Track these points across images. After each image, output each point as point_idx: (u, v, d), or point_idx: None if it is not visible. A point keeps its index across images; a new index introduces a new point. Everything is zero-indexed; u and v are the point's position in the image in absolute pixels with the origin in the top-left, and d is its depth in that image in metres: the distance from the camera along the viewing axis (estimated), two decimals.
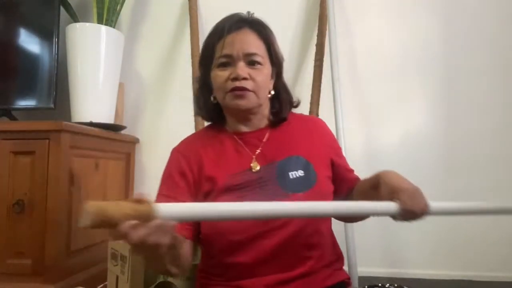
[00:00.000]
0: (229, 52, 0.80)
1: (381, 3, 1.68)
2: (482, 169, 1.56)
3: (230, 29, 0.82)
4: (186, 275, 0.91)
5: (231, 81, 0.79)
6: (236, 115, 0.86)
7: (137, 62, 1.83)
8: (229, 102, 0.81)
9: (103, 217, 0.48)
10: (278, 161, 0.82)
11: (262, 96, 0.83)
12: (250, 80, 0.80)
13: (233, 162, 0.83)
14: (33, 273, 1.19)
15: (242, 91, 0.79)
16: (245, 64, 0.80)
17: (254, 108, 0.84)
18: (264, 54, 0.83)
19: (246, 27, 0.84)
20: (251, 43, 0.82)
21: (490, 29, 1.61)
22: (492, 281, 1.49)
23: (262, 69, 0.82)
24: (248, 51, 0.81)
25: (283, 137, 0.86)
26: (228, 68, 0.81)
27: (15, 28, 1.58)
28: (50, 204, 1.20)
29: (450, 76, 1.62)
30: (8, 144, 1.23)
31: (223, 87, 0.81)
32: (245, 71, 0.79)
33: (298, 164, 0.82)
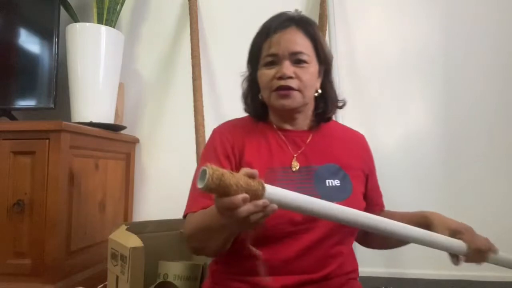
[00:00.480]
0: (275, 51, 0.80)
1: (381, 3, 1.68)
2: (482, 168, 1.56)
3: (276, 29, 0.82)
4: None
5: (276, 79, 0.80)
6: (281, 114, 0.86)
7: (137, 62, 1.83)
8: (274, 102, 0.82)
9: (220, 181, 0.49)
10: (317, 166, 0.83)
11: (308, 95, 0.83)
12: (295, 79, 0.80)
13: (275, 156, 0.83)
14: (33, 273, 1.19)
15: (287, 91, 0.80)
16: (290, 63, 0.80)
17: (300, 107, 0.84)
18: (310, 53, 0.83)
19: (293, 25, 0.83)
20: (297, 41, 0.81)
21: (490, 29, 1.61)
22: (492, 281, 1.49)
23: (308, 67, 0.81)
24: (294, 50, 0.80)
25: (324, 143, 0.87)
26: (274, 67, 0.81)
27: (15, 28, 1.57)
28: (50, 204, 1.20)
29: (450, 76, 1.62)
30: (8, 144, 1.23)
31: (269, 86, 0.81)
32: (291, 70, 0.79)
33: (335, 173, 0.82)
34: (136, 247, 0.97)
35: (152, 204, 1.75)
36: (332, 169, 0.83)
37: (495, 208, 1.54)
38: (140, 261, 0.97)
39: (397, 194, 1.59)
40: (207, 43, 1.76)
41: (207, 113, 1.62)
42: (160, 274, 1.10)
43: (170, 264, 1.11)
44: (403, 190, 1.59)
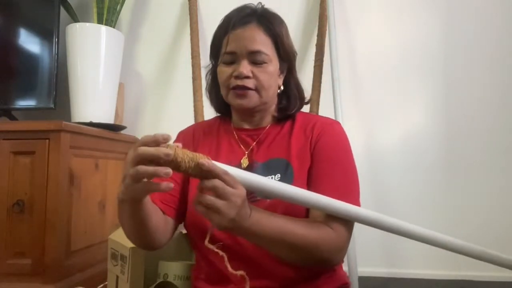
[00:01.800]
0: (233, 49, 0.79)
1: (381, 3, 1.68)
2: (482, 168, 1.56)
3: (235, 25, 0.79)
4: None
5: (233, 78, 0.78)
6: (239, 112, 0.86)
7: (137, 62, 1.83)
8: (231, 100, 0.81)
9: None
10: (260, 162, 0.81)
11: (266, 95, 0.81)
12: (252, 79, 0.78)
13: (223, 155, 0.83)
14: (33, 273, 1.19)
15: (243, 90, 0.78)
16: (248, 62, 0.78)
17: (257, 106, 0.82)
18: (270, 51, 0.80)
19: (254, 22, 0.80)
20: (256, 40, 0.78)
21: (490, 29, 1.61)
22: (492, 281, 1.49)
23: (266, 67, 0.79)
24: (252, 49, 0.78)
25: (277, 138, 0.84)
26: (232, 65, 0.80)
27: (15, 28, 1.57)
28: (50, 204, 1.20)
29: (450, 75, 1.62)
30: (8, 144, 1.23)
31: (226, 84, 0.80)
32: (248, 69, 0.77)
33: (278, 167, 0.79)
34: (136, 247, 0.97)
35: None
36: (276, 163, 0.79)
37: (495, 208, 1.54)
38: (140, 261, 0.97)
39: (397, 194, 1.60)
40: (207, 43, 1.75)
41: (207, 113, 1.62)
42: (160, 274, 1.10)
43: (170, 264, 1.11)
44: (402, 190, 1.59)
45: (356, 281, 1.35)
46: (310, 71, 1.58)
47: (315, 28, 1.65)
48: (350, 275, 1.33)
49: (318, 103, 1.52)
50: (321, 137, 0.81)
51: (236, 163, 0.81)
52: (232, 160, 0.81)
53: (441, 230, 1.53)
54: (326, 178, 0.77)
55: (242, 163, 0.81)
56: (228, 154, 0.84)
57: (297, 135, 0.83)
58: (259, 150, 0.83)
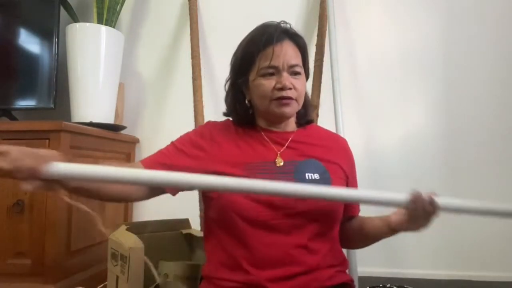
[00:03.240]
0: (276, 63, 0.85)
1: (381, 4, 1.68)
2: (482, 168, 1.56)
3: (274, 41, 0.86)
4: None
5: (277, 90, 0.85)
6: (274, 119, 0.91)
7: (137, 62, 1.83)
8: (274, 109, 0.87)
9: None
10: (298, 161, 0.87)
11: (301, 103, 0.90)
12: (293, 90, 0.86)
13: (257, 152, 0.88)
14: (33, 273, 1.19)
15: (288, 100, 0.85)
16: (288, 74, 0.86)
17: (294, 114, 0.92)
18: (301, 65, 0.89)
19: (287, 38, 0.88)
20: (293, 55, 0.87)
21: (490, 29, 1.61)
22: (492, 281, 1.49)
23: (301, 78, 0.88)
24: (292, 63, 0.86)
25: (306, 141, 0.92)
26: (272, 77, 0.86)
27: (15, 28, 1.58)
28: (50, 204, 1.20)
29: (450, 75, 1.62)
30: (8, 144, 1.23)
31: (269, 96, 0.86)
32: (290, 82, 0.85)
33: (315, 168, 0.86)
34: (136, 247, 0.97)
35: (152, 204, 1.75)
36: (313, 164, 0.87)
37: None
38: (140, 261, 0.97)
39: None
40: (207, 43, 1.76)
41: (207, 113, 1.62)
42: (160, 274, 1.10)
43: (170, 264, 1.11)
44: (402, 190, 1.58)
45: (356, 281, 1.35)
46: (310, 71, 1.57)
47: (315, 28, 1.65)
48: (350, 275, 1.33)
49: (318, 103, 1.52)
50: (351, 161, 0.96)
51: (271, 160, 0.87)
52: (266, 156, 0.87)
53: (441, 230, 1.54)
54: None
55: (276, 162, 0.86)
56: (261, 151, 0.89)
57: (326, 144, 0.93)
58: (293, 150, 0.89)
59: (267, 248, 0.78)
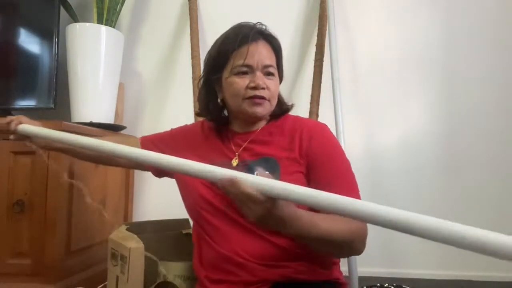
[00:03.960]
0: (250, 62, 0.85)
1: (381, 3, 1.68)
2: (482, 168, 1.56)
3: (248, 40, 0.86)
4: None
5: (250, 89, 0.85)
6: (246, 119, 0.91)
7: (137, 62, 1.83)
8: (246, 109, 0.87)
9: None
10: (250, 160, 0.87)
11: (273, 104, 0.90)
12: (266, 90, 0.86)
13: (217, 152, 0.91)
14: (33, 273, 1.19)
15: (261, 99, 0.86)
16: (262, 74, 0.86)
17: (266, 114, 0.91)
18: (275, 66, 0.90)
19: (262, 39, 0.88)
20: (268, 55, 0.88)
21: (490, 29, 1.61)
22: (492, 281, 1.49)
23: (274, 79, 0.89)
24: (266, 63, 0.86)
25: (266, 138, 0.90)
26: (246, 76, 0.86)
27: (15, 28, 1.57)
28: (50, 204, 1.20)
29: (449, 75, 1.62)
30: (8, 144, 1.23)
31: (241, 94, 0.86)
32: (264, 81, 0.85)
33: (267, 165, 0.85)
34: (136, 247, 0.97)
35: (152, 204, 1.76)
36: (267, 161, 0.86)
37: (495, 208, 1.54)
38: (140, 261, 0.97)
39: (396, 193, 1.60)
40: (207, 43, 1.76)
41: None
42: (160, 274, 1.10)
43: (170, 264, 1.11)
44: (402, 190, 1.59)
45: (356, 281, 1.35)
46: (310, 71, 1.58)
47: (315, 28, 1.65)
48: (350, 275, 1.33)
49: (318, 103, 1.52)
50: (312, 141, 0.86)
51: (228, 160, 0.89)
52: (224, 156, 0.90)
53: None
54: (334, 179, 0.82)
55: (232, 163, 0.88)
56: (221, 151, 0.92)
57: (288, 138, 0.89)
58: (249, 149, 0.89)
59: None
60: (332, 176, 0.83)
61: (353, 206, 0.53)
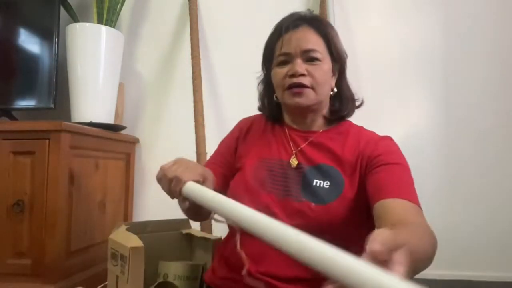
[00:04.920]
0: (287, 50, 0.81)
1: (381, 3, 1.68)
2: (482, 168, 1.56)
3: (288, 28, 0.82)
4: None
5: (288, 77, 0.80)
6: (294, 112, 0.86)
7: (137, 62, 1.83)
8: (287, 100, 0.82)
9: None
10: (310, 166, 0.81)
11: (321, 93, 0.82)
12: (308, 76, 0.80)
13: (274, 149, 0.85)
14: (33, 273, 1.19)
15: (300, 88, 0.79)
16: (303, 61, 0.80)
17: (313, 105, 0.83)
18: (323, 50, 0.82)
19: (304, 24, 0.83)
20: (308, 39, 0.81)
21: (490, 29, 1.61)
22: (492, 281, 1.49)
23: (321, 65, 0.81)
24: (306, 48, 0.80)
25: (328, 143, 0.83)
26: (286, 66, 0.81)
27: (15, 28, 1.57)
28: (50, 204, 1.20)
29: (449, 76, 1.62)
30: (8, 144, 1.23)
31: (281, 84, 0.82)
32: (303, 67, 0.79)
33: (329, 175, 0.78)
34: (136, 247, 0.97)
35: (152, 204, 1.75)
36: (328, 170, 0.79)
37: (495, 208, 1.54)
38: (140, 261, 0.97)
39: None
40: (207, 43, 1.76)
41: (207, 113, 1.62)
42: (160, 274, 1.10)
43: (170, 264, 1.11)
44: None
45: None
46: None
47: None
48: None
49: None
50: (375, 150, 0.79)
51: (286, 159, 0.83)
52: (282, 155, 0.84)
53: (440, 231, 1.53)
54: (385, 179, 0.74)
55: (291, 163, 0.82)
56: (279, 149, 0.85)
57: (350, 148, 0.81)
58: (310, 152, 0.83)
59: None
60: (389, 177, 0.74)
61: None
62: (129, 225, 1.13)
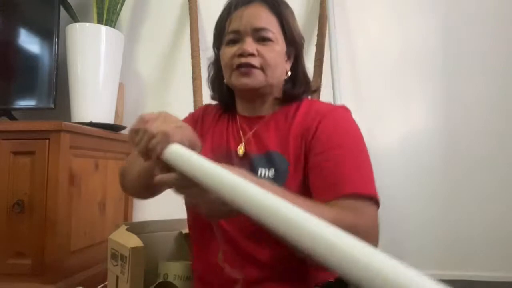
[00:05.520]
0: (237, 27, 0.75)
1: (381, 3, 1.68)
2: (482, 168, 1.56)
3: (238, 4, 0.76)
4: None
5: (237, 57, 0.74)
6: (242, 95, 0.80)
7: (137, 62, 1.83)
8: (235, 81, 0.75)
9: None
10: (255, 154, 0.76)
11: (272, 75, 0.75)
12: (258, 57, 0.74)
13: (225, 139, 0.81)
14: (33, 273, 1.19)
15: (247, 68, 0.73)
16: (253, 40, 0.74)
17: (262, 88, 0.76)
18: (276, 30, 0.76)
19: (257, 1, 0.76)
20: (260, 17, 0.75)
21: (490, 29, 1.61)
22: (492, 281, 1.49)
23: (273, 45, 0.75)
24: (257, 26, 0.74)
25: (278, 128, 0.77)
26: (236, 45, 0.75)
27: (15, 28, 1.58)
28: (50, 204, 1.20)
29: (449, 75, 1.62)
30: (8, 144, 1.23)
31: (229, 64, 0.75)
32: (253, 47, 0.73)
33: (275, 162, 0.73)
34: (136, 247, 0.97)
35: (152, 204, 1.75)
36: (274, 157, 0.73)
37: (495, 208, 1.54)
38: (140, 261, 0.97)
39: (396, 193, 1.59)
40: (207, 43, 1.76)
41: None
42: (160, 274, 1.10)
43: (170, 264, 1.11)
44: (402, 190, 1.59)
45: None
46: (310, 71, 1.57)
47: (315, 28, 1.65)
48: None
49: None
50: (319, 126, 0.72)
51: (234, 149, 0.78)
52: (230, 145, 0.79)
53: (441, 230, 1.54)
54: (316, 168, 0.68)
55: (238, 151, 0.77)
56: (227, 140, 0.81)
57: (297, 128, 0.74)
58: (257, 139, 0.78)
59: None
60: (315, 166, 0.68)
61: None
62: (129, 225, 1.13)
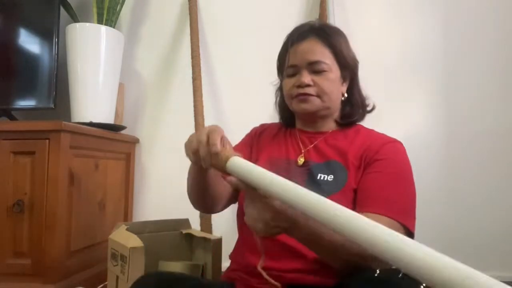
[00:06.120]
0: (294, 62, 0.87)
1: (381, 3, 1.68)
2: (482, 168, 1.56)
3: (295, 40, 0.87)
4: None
5: (296, 88, 0.86)
6: (304, 118, 0.92)
7: (137, 62, 1.83)
8: (295, 107, 0.88)
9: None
10: (317, 162, 0.85)
11: (328, 100, 0.86)
12: (314, 87, 0.85)
13: (283, 150, 0.91)
14: (33, 273, 1.19)
15: (305, 96, 0.85)
16: (308, 72, 0.85)
17: (320, 111, 0.88)
18: (330, 61, 0.86)
19: (312, 35, 0.87)
20: (314, 51, 0.85)
21: (489, 29, 1.61)
22: None
23: (327, 74, 0.85)
24: (311, 60, 0.85)
25: (335, 143, 0.87)
26: (294, 77, 0.87)
27: (15, 28, 1.57)
28: (50, 204, 1.20)
29: (449, 75, 1.62)
30: (8, 144, 1.23)
31: (289, 94, 0.88)
32: (309, 78, 0.85)
33: (334, 169, 0.82)
34: (136, 247, 0.97)
35: (152, 204, 1.76)
36: (333, 165, 0.83)
37: (495, 209, 1.54)
38: (140, 261, 0.97)
39: None
40: (207, 43, 1.76)
41: (207, 113, 1.62)
42: None
43: (170, 264, 1.11)
44: None
45: None
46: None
47: None
48: None
49: None
50: (380, 150, 0.81)
51: (294, 158, 0.88)
52: (290, 154, 0.89)
53: (441, 230, 1.54)
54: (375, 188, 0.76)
55: (298, 161, 0.87)
56: (287, 149, 0.91)
57: (357, 147, 0.84)
58: (317, 150, 0.88)
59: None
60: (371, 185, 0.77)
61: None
62: (129, 225, 1.14)
